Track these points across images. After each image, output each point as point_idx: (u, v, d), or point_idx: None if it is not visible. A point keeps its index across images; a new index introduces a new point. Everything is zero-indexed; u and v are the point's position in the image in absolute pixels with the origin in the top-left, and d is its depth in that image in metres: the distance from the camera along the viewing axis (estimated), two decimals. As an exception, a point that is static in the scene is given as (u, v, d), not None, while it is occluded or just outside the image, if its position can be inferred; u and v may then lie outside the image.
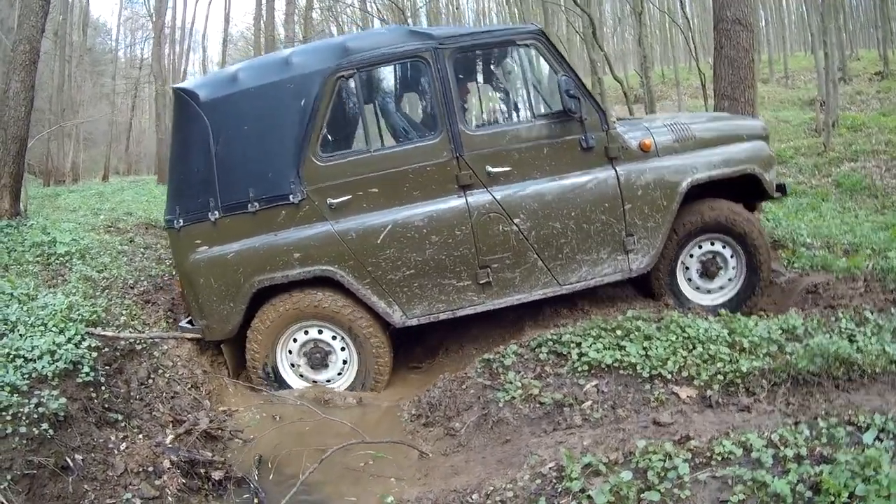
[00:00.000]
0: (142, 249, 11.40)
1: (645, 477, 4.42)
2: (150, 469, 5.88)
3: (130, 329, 7.71)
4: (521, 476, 4.92)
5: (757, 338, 6.58)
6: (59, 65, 42.19)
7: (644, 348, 6.58)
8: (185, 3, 54.22)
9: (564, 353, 6.79)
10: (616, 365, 6.46)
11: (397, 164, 7.67)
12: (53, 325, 6.79)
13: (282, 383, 7.99)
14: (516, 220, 7.67)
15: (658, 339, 6.70)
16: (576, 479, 4.55)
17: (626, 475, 4.41)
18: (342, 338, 7.91)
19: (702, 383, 6.11)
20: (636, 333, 6.82)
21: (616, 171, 7.85)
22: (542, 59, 7.97)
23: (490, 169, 7.67)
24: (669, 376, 6.25)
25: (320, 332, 7.93)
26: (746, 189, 8.46)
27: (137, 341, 7.44)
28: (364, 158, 7.71)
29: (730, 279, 8.43)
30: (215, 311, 7.78)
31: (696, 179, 8.00)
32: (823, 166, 18.78)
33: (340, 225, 7.61)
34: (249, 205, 7.58)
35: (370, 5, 32.03)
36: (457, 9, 38.10)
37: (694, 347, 6.55)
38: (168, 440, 6.37)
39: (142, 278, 9.58)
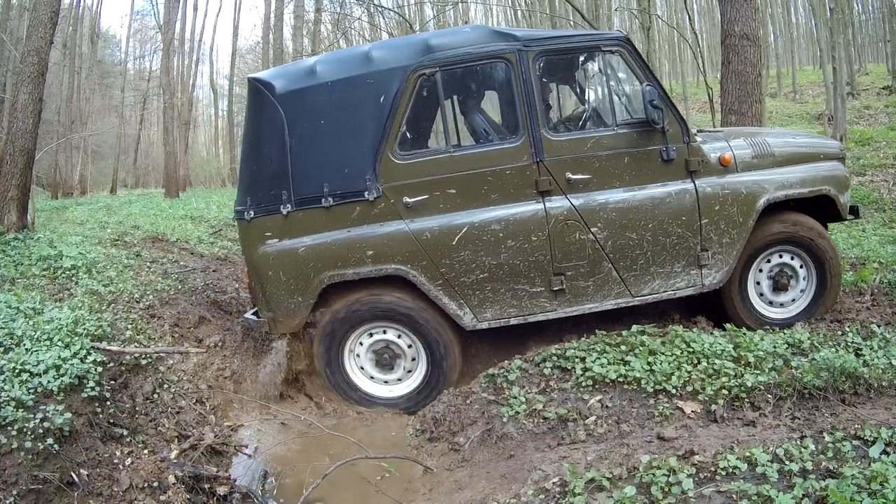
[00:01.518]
0: (148, 263, 11.40)
1: (649, 492, 4.40)
2: (155, 484, 5.87)
3: (136, 344, 7.70)
4: (525, 491, 4.91)
5: (762, 352, 6.56)
6: (69, 76, 42.43)
7: (648, 363, 6.56)
8: (194, 15, 54.34)
9: (569, 367, 6.78)
10: (620, 380, 6.44)
11: (476, 166, 7.60)
12: (59, 340, 6.78)
13: (349, 384, 7.96)
14: (593, 229, 7.60)
15: (662, 353, 6.67)
16: (579, 494, 4.53)
17: (630, 490, 4.39)
18: (410, 339, 7.84)
19: (706, 398, 6.08)
20: (641, 348, 6.79)
21: (695, 184, 7.77)
22: (626, 66, 7.88)
23: (570, 176, 7.59)
24: (674, 391, 6.22)
25: (394, 334, 7.88)
26: (819, 208, 8.34)
27: (143, 356, 7.44)
28: (443, 158, 7.65)
29: (801, 291, 8.33)
30: (283, 305, 7.73)
31: (773, 198, 7.91)
32: (832, 180, 18.72)
33: (416, 224, 7.54)
34: (323, 199, 7.53)
35: (378, 19, 31.96)
36: (465, 22, 38.01)
37: (699, 362, 6.53)
38: (173, 455, 6.37)
39: (148, 293, 9.57)
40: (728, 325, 7.45)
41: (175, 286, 10.15)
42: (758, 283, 8.30)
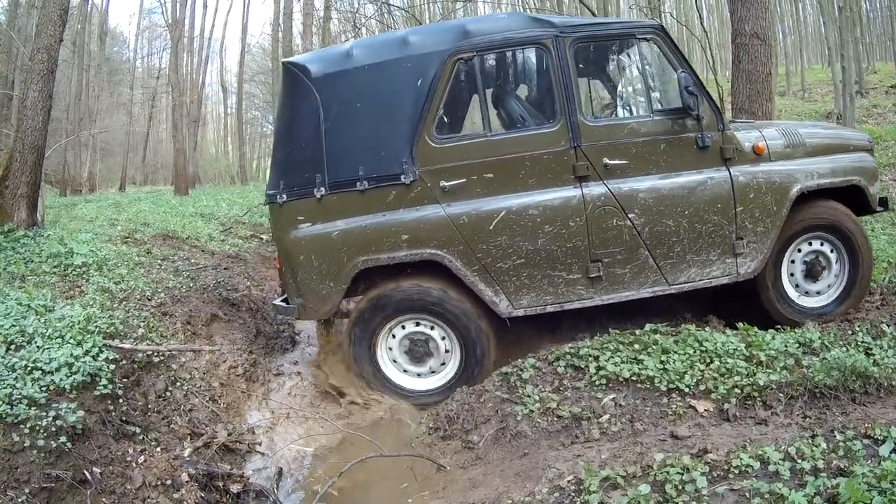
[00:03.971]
0: (159, 261, 11.39)
1: (663, 490, 4.42)
2: (169, 482, 5.88)
3: (148, 341, 7.71)
4: (540, 489, 4.92)
5: (774, 351, 6.58)
6: (77, 74, 42.42)
7: (661, 362, 6.58)
8: (203, 13, 54.40)
9: (582, 366, 6.79)
10: (634, 378, 6.46)
11: (514, 151, 7.61)
12: (71, 337, 6.78)
13: (381, 376, 7.95)
14: (630, 215, 7.61)
15: (675, 352, 6.69)
16: (594, 492, 4.54)
17: (645, 488, 4.40)
18: (444, 331, 7.82)
19: (719, 397, 6.12)
20: (654, 347, 6.80)
21: (730, 172, 7.78)
22: (661, 53, 7.89)
23: (607, 161, 7.60)
24: (687, 390, 6.25)
25: (420, 324, 7.86)
26: (848, 200, 8.36)
27: (155, 353, 7.45)
28: (480, 142, 7.65)
29: (836, 276, 8.37)
30: (314, 290, 7.71)
31: (806, 186, 7.94)
32: (840, 179, 18.70)
33: (452, 209, 7.55)
34: (358, 183, 7.53)
35: (388, 18, 31.93)
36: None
37: (711, 361, 6.55)
38: (186, 453, 6.38)
39: (159, 290, 9.56)
40: (740, 325, 7.43)
41: (186, 284, 10.15)
42: (791, 274, 8.33)
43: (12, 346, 6.57)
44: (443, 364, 7.92)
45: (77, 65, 42.32)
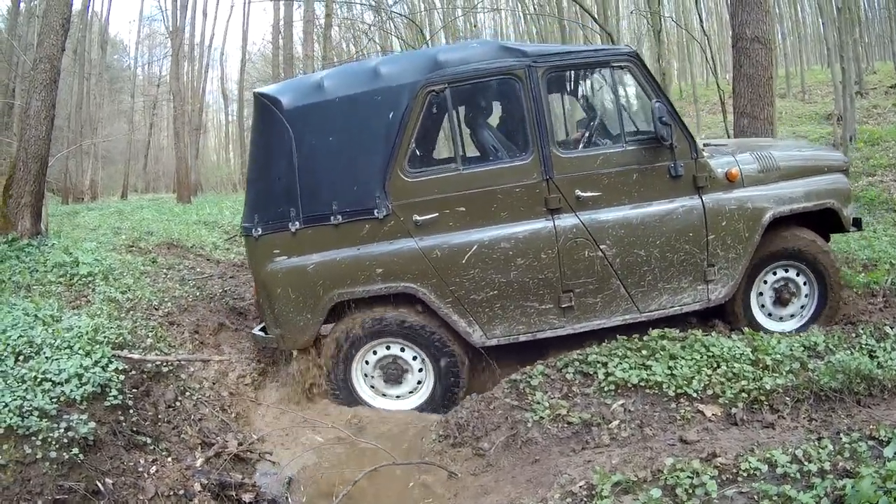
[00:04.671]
0: (165, 270, 11.40)
1: (674, 494, 4.47)
2: (181, 492, 5.90)
3: (157, 351, 7.75)
4: (552, 495, 4.96)
5: (779, 355, 6.62)
6: (78, 82, 42.46)
7: (669, 367, 6.62)
8: (203, 21, 54.29)
9: (591, 372, 6.82)
10: (642, 384, 6.50)
11: (486, 184, 7.63)
12: (80, 348, 6.81)
13: (356, 398, 7.99)
14: (602, 246, 7.64)
15: (683, 357, 6.73)
16: (606, 497, 4.60)
17: (656, 493, 4.45)
18: (418, 354, 7.88)
19: (727, 401, 6.16)
20: (661, 353, 6.85)
21: (702, 200, 7.82)
22: (634, 81, 7.90)
23: (580, 193, 7.63)
24: (695, 395, 6.30)
25: (400, 349, 7.91)
26: (822, 219, 8.40)
27: (164, 364, 7.48)
28: (453, 176, 7.66)
29: (802, 306, 8.40)
30: (291, 322, 7.75)
31: (778, 212, 7.98)
32: (842, 181, 18.70)
33: (425, 242, 7.58)
34: (332, 217, 7.57)
35: (389, 24, 31.97)
36: (474, 27, 38.01)
37: (718, 366, 6.59)
38: (198, 463, 6.41)
39: (166, 300, 9.59)
40: (746, 329, 7.47)
41: (193, 293, 10.17)
42: (760, 294, 8.38)
43: (21, 357, 6.59)
44: (412, 392, 8.05)
45: (78, 73, 42.38)
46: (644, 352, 6.95)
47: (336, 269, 7.60)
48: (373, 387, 8.04)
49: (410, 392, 8.02)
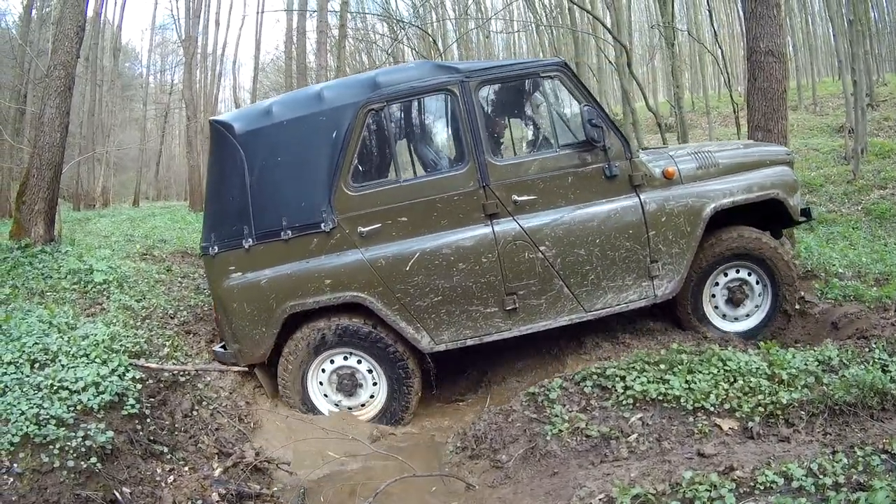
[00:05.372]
0: (179, 279, 11.44)
1: (692, 507, 4.46)
2: (199, 502, 5.92)
3: (173, 360, 7.79)
4: (571, 508, 4.96)
5: (795, 369, 6.61)
6: (90, 89, 42.53)
7: (687, 381, 6.62)
8: (216, 30, 54.33)
9: (609, 386, 6.83)
10: (660, 398, 6.50)
11: (425, 194, 7.88)
12: (96, 356, 6.85)
13: (312, 409, 8.13)
14: (542, 248, 7.81)
15: (700, 372, 6.74)
16: (624, 510, 4.59)
17: (674, 505, 4.45)
18: (370, 363, 8.06)
19: (743, 415, 6.16)
20: (679, 367, 6.85)
21: (640, 198, 8.00)
22: (565, 89, 8.07)
23: (516, 198, 7.84)
24: (712, 409, 6.29)
25: (349, 358, 8.09)
26: (772, 215, 8.57)
27: (181, 373, 7.51)
28: (393, 188, 7.91)
29: (756, 306, 8.53)
30: (248, 336, 7.98)
31: (720, 205, 8.13)
32: (853, 194, 18.76)
33: (370, 252, 7.83)
34: (282, 232, 7.85)
35: (401, 35, 31.96)
36: (486, 37, 38.01)
37: (735, 380, 6.58)
38: (216, 473, 6.42)
39: (181, 308, 9.63)
40: (762, 344, 7.47)
41: (208, 302, 10.17)
42: (713, 296, 8.51)
43: (36, 365, 6.62)
44: (371, 398, 8.19)
45: (90, 80, 42.46)
46: (662, 366, 6.95)
47: (287, 282, 7.87)
48: (330, 399, 8.23)
49: (370, 398, 8.21)
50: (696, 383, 6.57)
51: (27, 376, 6.32)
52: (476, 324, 7.94)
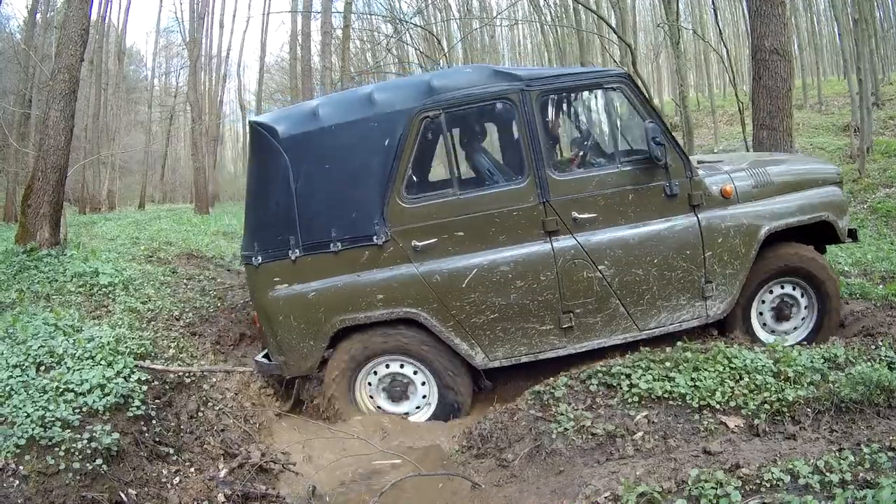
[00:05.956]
0: (185, 280, 11.44)
1: (698, 504, 4.47)
2: (205, 503, 5.91)
3: (179, 362, 7.78)
4: (577, 506, 4.95)
5: (801, 367, 6.59)
6: (95, 92, 42.58)
7: (692, 379, 6.60)
8: (220, 32, 54.33)
9: (614, 384, 6.81)
10: (666, 396, 6.48)
11: (483, 208, 7.63)
12: (102, 359, 6.85)
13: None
14: (600, 267, 7.64)
15: (706, 369, 6.71)
16: (631, 507, 4.59)
17: (681, 503, 4.47)
18: (422, 372, 7.89)
19: (749, 413, 6.15)
20: (685, 365, 6.83)
21: (698, 218, 7.81)
22: (627, 103, 7.90)
23: (576, 215, 7.63)
24: (718, 406, 6.28)
25: (402, 366, 7.92)
26: (818, 231, 8.40)
27: (187, 374, 7.49)
28: (450, 201, 7.67)
29: (802, 319, 8.38)
30: (294, 349, 7.76)
31: (774, 227, 7.96)
32: (859, 193, 18.74)
33: (425, 267, 7.59)
34: (332, 245, 7.59)
35: (407, 36, 31.91)
36: (491, 37, 38.03)
37: (741, 378, 6.56)
38: (222, 474, 6.41)
39: (187, 310, 9.63)
40: (768, 341, 7.46)
41: (214, 303, 10.20)
42: (761, 314, 8.36)
43: (42, 367, 6.63)
44: (418, 408, 8.03)
45: (95, 83, 42.52)
46: (667, 364, 6.93)
47: (337, 296, 7.63)
48: (379, 406, 8.07)
49: (417, 408, 8.04)
50: (701, 381, 6.55)
51: (33, 379, 6.33)
52: (531, 341, 7.77)
